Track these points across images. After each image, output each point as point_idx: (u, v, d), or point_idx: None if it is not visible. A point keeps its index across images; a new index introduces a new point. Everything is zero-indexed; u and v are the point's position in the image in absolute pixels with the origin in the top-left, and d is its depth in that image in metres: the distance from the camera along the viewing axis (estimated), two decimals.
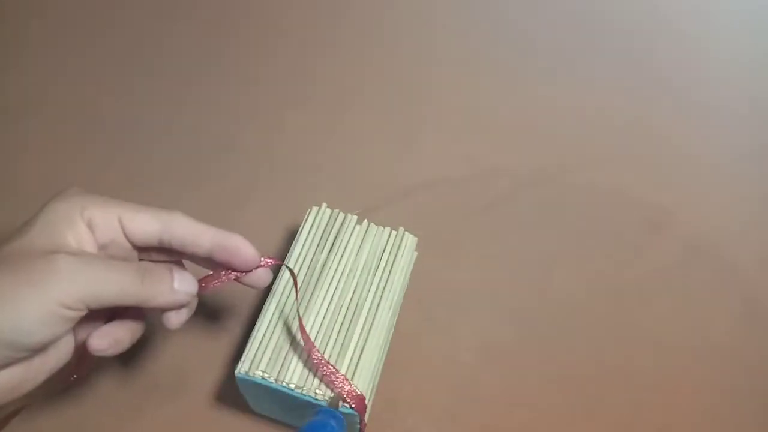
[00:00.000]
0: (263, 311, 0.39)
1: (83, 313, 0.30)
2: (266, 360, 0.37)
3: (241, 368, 0.37)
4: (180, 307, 0.34)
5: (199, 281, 0.35)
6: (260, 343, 0.38)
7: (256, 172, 0.53)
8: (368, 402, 0.37)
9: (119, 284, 0.30)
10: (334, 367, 0.36)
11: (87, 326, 0.33)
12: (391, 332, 0.44)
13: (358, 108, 0.57)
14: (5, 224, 0.51)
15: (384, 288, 0.40)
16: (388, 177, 0.53)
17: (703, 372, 0.45)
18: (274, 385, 0.36)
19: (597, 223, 0.51)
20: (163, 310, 0.34)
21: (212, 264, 0.35)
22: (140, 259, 0.35)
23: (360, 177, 0.53)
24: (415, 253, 0.44)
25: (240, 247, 0.34)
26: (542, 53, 0.60)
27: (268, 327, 0.38)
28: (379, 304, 0.40)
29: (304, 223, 0.43)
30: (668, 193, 0.53)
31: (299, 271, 0.40)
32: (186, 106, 0.56)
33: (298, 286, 0.39)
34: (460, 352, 0.46)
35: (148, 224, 0.33)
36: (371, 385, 0.38)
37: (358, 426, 0.38)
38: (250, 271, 0.36)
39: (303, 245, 0.42)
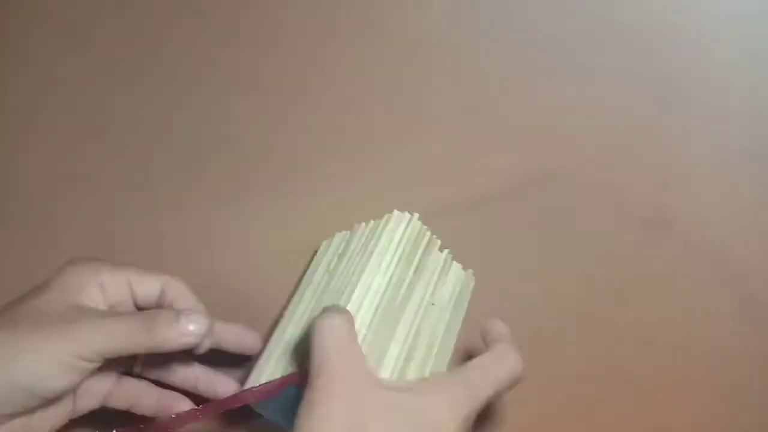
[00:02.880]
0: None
1: (98, 364, 0.32)
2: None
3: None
4: (192, 346, 0.35)
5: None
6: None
7: (257, 171, 0.53)
8: None
9: (129, 334, 0.33)
10: None
11: (105, 378, 0.36)
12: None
13: (359, 108, 0.57)
14: (5, 224, 0.51)
15: (447, 326, 0.39)
16: (389, 177, 0.53)
17: (702, 372, 0.45)
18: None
19: (597, 222, 0.51)
20: (177, 350, 0.36)
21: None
22: None
23: (361, 177, 0.53)
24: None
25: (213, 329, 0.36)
26: (543, 53, 0.60)
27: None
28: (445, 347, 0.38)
29: (391, 230, 0.40)
30: (668, 193, 0.52)
31: (378, 287, 0.37)
32: (188, 106, 0.56)
33: (379, 304, 0.36)
34: (459, 352, 0.46)
35: (152, 287, 0.37)
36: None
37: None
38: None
39: (391, 257, 0.38)
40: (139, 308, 0.37)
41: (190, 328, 0.34)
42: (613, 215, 0.51)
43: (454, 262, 0.42)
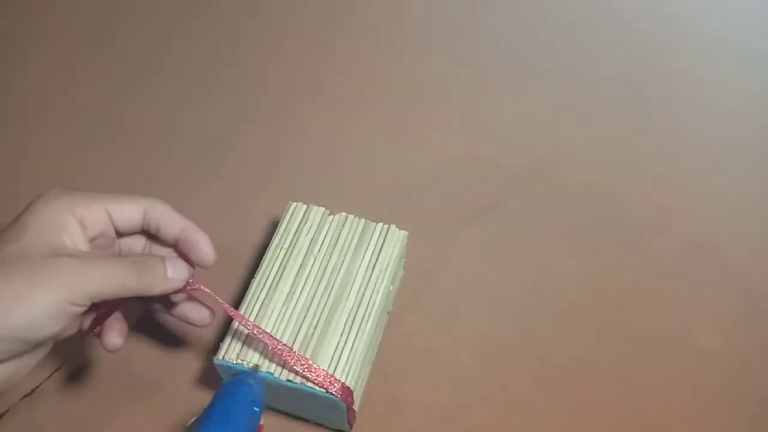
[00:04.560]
0: (243, 299, 0.40)
1: (87, 308, 0.33)
2: (242, 347, 0.38)
3: (220, 355, 0.38)
4: (176, 292, 0.37)
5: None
6: (236, 331, 0.39)
7: (258, 171, 0.53)
8: (355, 389, 0.38)
9: (119, 279, 0.33)
10: (302, 358, 0.37)
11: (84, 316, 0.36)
12: (383, 324, 0.44)
13: (359, 108, 0.57)
14: (5, 225, 0.51)
15: (369, 282, 0.41)
16: (389, 177, 0.53)
17: (701, 371, 0.45)
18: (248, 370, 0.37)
19: (596, 222, 0.51)
20: (161, 296, 0.37)
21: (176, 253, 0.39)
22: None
23: (361, 177, 0.53)
24: (405, 249, 0.44)
25: (200, 242, 0.37)
26: (543, 53, 0.60)
27: (245, 313, 0.39)
28: (363, 298, 0.40)
29: (285, 216, 0.43)
30: (668, 192, 0.53)
31: (277, 262, 0.41)
32: (191, 106, 0.56)
33: (271, 278, 0.40)
34: (459, 352, 0.46)
35: (133, 213, 0.36)
36: (357, 375, 0.39)
37: (346, 416, 0.38)
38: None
39: (282, 236, 0.42)
40: (120, 235, 0.37)
41: (174, 276, 0.36)
42: (612, 215, 0.51)
43: (376, 223, 0.43)
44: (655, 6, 0.62)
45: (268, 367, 0.37)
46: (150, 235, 0.38)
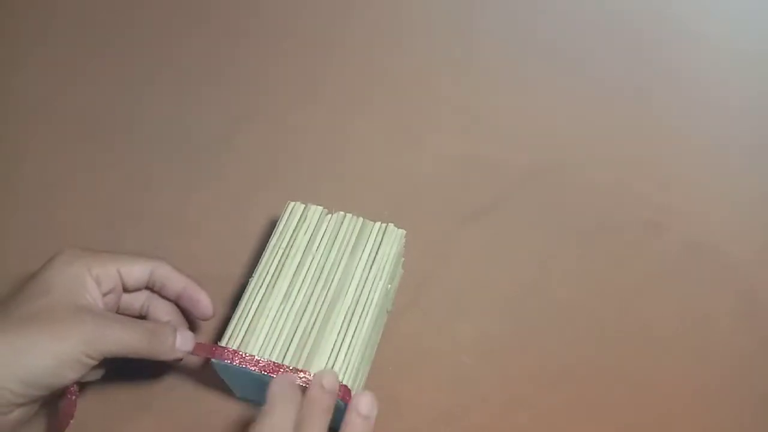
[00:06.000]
0: (241, 298, 0.40)
1: (98, 361, 0.37)
2: (239, 343, 0.39)
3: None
4: (178, 360, 0.40)
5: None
6: (235, 328, 0.39)
7: (258, 171, 0.53)
8: (354, 388, 0.38)
9: (131, 343, 0.38)
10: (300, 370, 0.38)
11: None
12: (382, 324, 0.44)
13: (359, 108, 0.57)
14: (5, 224, 0.51)
15: (366, 281, 0.41)
16: (389, 177, 0.53)
17: (702, 371, 0.45)
18: (246, 368, 0.38)
19: (596, 222, 0.51)
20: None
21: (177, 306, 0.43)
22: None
23: (361, 177, 0.53)
24: (403, 247, 0.44)
25: (201, 300, 0.41)
26: (543, 53, 0.60)
27: (243, 313, 0.40)
28: (360, 296, 0.40)
29: (283, 215, 0.43)
30: (668, 192, 0.53)
31: (275, 261, 0.42)
32: (190, 106, 0.56)
33: (269, 277, 0.41)
34: (460, 352, 0.46)
35: (141, 273, 0.41)
36: (355, 374, 0.39)
37: (344, 410, 0.38)
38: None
39: (280, 235, 0.42)
40: (127, 291, 0.41)
41: (181, 347, 0.40)
42: (613, 215, 0.51)
43: (374, 222, 0.43)
44: (655, 6, 0.62)
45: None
46: (153, 290, 0.42)
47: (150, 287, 0.42)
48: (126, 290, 0.41)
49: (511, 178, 0.53)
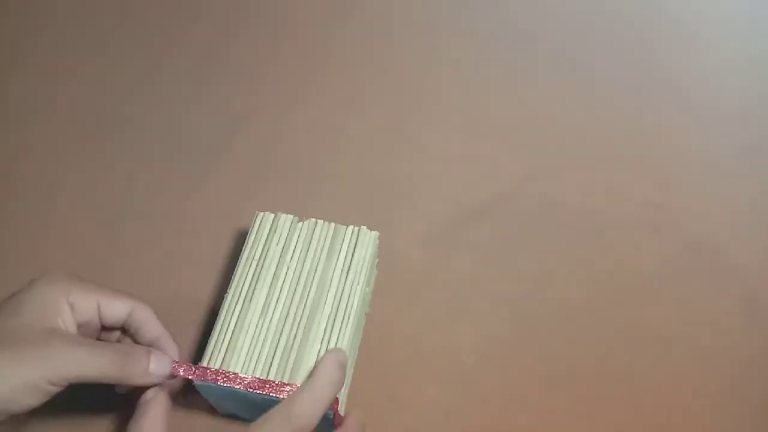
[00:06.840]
0: (219, 315, 0.40)
1: (63, 388, 0.34)
2: (221, 362, 0.38)
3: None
4: (154, 386, 0.38)
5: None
6: (215, 347, 0.38)
7: (258, 172, 0.53)
8: (340, 394, 0.38)
9: (100, 367, 0.35)
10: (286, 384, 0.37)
11: None
12: (361, 327, 0.44)
13: (358, 108, 0.57)
14: (5, 224, 0.51)
15: (345, 287, 0.41)
16: (389, 177, 0.53)
17: (702, 371, 0.45)
18: (227, 386, 0.37)
19: (597, 222, 0.51)
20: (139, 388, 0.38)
21: None
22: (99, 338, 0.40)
23: (360, 177, 0.53)
24: (377, 249, 0.44)
25: (170, 355, 0.38)
26: (543, 53, 0.60)
27: (221, 330, 0.39)
28: (340, 302, 0.40)
29: (252, 227, 0.43)
30: (668, 192, 0.53)
31: (250, 274, 0.41)
32: (189, 106, 0.56)
33: (245, 292, 0.40)
34: (459, 352, 0.46)
35: (120, 310, 0.38)
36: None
37: (332, 421, 0.38)
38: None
39: (251, 247, 0.42)
40: (104, 327, 0.39)
41: (156, 372, 0.37)
42: (612, 215, 0.51)
43: (347, 226, 0.43)
44: (655, 6, 0.62)
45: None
46: (127, 332, 0.40)
47: (126, 328, 0.40)
48: (103, 326, 0.39)
49: (511, 178, 0.53)
